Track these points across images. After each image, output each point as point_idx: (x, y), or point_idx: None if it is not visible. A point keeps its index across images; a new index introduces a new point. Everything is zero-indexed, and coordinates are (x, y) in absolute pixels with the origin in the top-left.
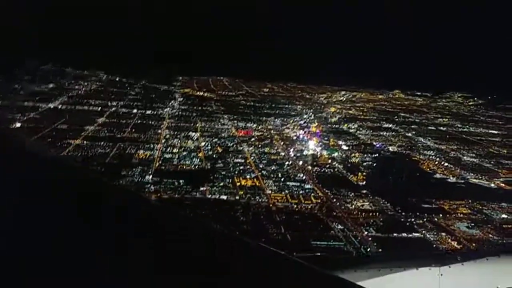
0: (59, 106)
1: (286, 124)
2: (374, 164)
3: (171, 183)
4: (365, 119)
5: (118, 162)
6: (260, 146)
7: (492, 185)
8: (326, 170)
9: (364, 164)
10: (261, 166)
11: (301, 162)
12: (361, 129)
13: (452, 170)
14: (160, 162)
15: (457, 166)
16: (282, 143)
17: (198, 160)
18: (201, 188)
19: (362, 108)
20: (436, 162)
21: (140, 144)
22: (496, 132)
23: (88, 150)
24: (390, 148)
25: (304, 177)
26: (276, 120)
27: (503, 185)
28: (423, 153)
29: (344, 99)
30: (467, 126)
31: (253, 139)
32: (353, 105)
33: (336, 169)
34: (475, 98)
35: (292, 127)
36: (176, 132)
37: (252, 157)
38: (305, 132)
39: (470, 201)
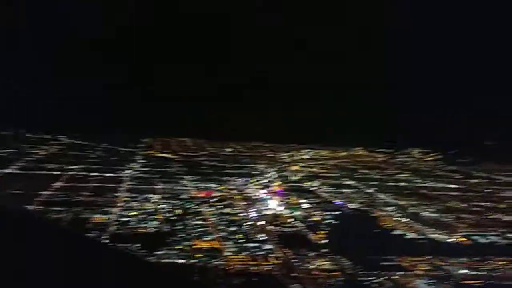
0: (16, 171)
1: (248, 184)
2: (335, 222)
3: (126, 248)
4: (327, 176)
5: (71, 227)
6: (221, 207)
7: (451, 240)
8: (287, 230)
9: (325, 222)
10: (220, 228)
11: (261, 222)
12: (322, 187)
13: (412, 225)
14: (116, 226)
15: (416, 222)
16: (243, 203)
17: (157, 223)
18: (158, 252)
19: (324, 165)
20: (396, 218)
21: (96, 208)
22: (455, 186)
23: (42, 215)
24: (351, 205)
25: (264, 238)
26: (238, 180)
27: (462, 239)
28: (383, 209)
29: (307, 157)
30: (426, 181)
31: (214, 200)
32: (316, 163)
33: (296, 228)
34: (434, 154)
35: (254, 186)
36: (135, 195)
37: (212, 219)
38: (266, 191)
39: (429, 257)
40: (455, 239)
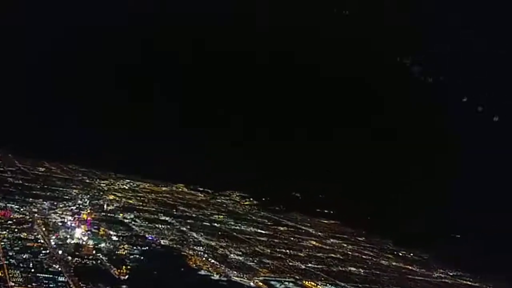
0: None
1: (55, 208)
2: (142, 258)
3: None
4: (143, 210)
5: None
6: (16, 230)
7: (252, 283)
8: (88, 262)
9: (131, 257)
10: (10, 254)
11: (61, 252)
12: (137, 220)
13: (218, 267)
14: None
15: (223, 263)
16: (44, 228)
17: None
18: None
19: (143, 198)
20: (204, 258)
21: None
22: (264, 232)
23: None
24: (162, 242)
25: (60, 268)
26: (45, 202)
27: (261, 284)
28: (193, 248)
29: (127, 187)
30: (239, 224)
31: (10, 221)
32: (135, 195)
33: (99, 261)
34: (251, 198)
35: (61, 212)
36: None
37: (3, 243)
38: (74, 218)
39: None
40: (255, 283)
